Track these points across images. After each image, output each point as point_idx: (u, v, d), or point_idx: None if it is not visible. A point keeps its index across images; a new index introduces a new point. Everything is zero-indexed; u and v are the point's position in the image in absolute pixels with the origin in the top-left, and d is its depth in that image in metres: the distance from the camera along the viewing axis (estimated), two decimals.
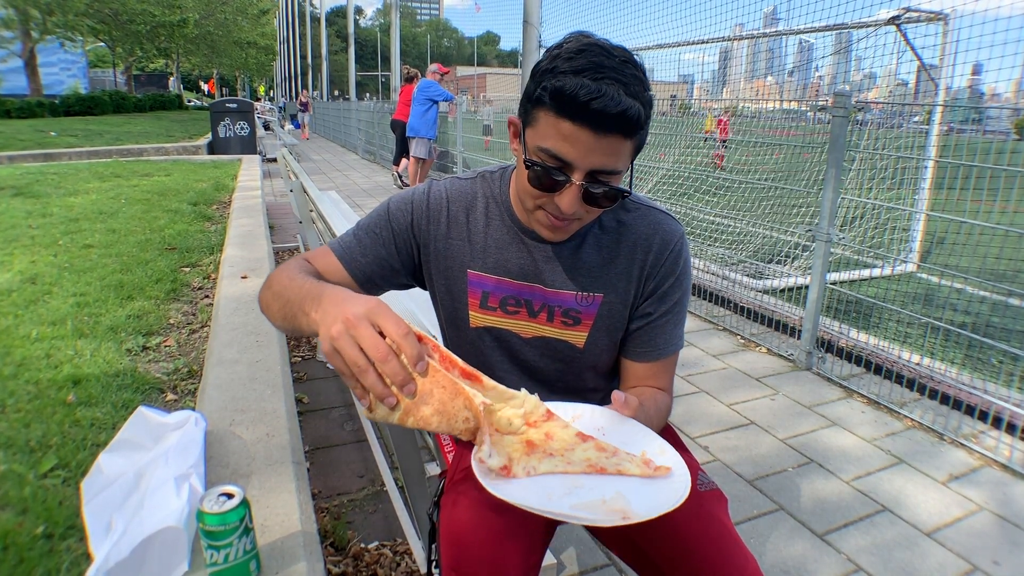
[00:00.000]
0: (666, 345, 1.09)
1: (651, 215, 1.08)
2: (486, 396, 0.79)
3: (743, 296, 4.13)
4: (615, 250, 1.07)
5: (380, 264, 1.07)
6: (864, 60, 5.05)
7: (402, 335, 0.72)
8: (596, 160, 0.87)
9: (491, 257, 1.07)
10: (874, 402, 2.94)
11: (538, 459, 0.78)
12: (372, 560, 1.80)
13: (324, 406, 2.74)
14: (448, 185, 1.11)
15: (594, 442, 0.83)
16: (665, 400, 1.08)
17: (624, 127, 0.85)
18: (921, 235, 4.73)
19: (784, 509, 2.14)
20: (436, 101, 8.32)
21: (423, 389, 0.74)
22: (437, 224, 1.08)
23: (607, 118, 0.84)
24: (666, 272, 1.07)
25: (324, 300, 0.79)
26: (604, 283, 1.07)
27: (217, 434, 1.44)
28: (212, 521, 0.89)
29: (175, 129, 14.83)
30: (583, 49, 0.86)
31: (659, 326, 1.08)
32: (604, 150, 0.87)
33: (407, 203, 1.09)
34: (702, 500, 1.06)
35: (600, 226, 1.07)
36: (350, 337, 0.71)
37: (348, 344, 0.71)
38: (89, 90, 27.09)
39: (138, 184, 6.06)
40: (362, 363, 0.71)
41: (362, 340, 0.71)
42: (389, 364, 0.71)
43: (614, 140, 0.86)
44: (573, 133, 0.86)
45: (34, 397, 1.82)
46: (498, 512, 1.05)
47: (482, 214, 1.09)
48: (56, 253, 3.41)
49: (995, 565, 1.91)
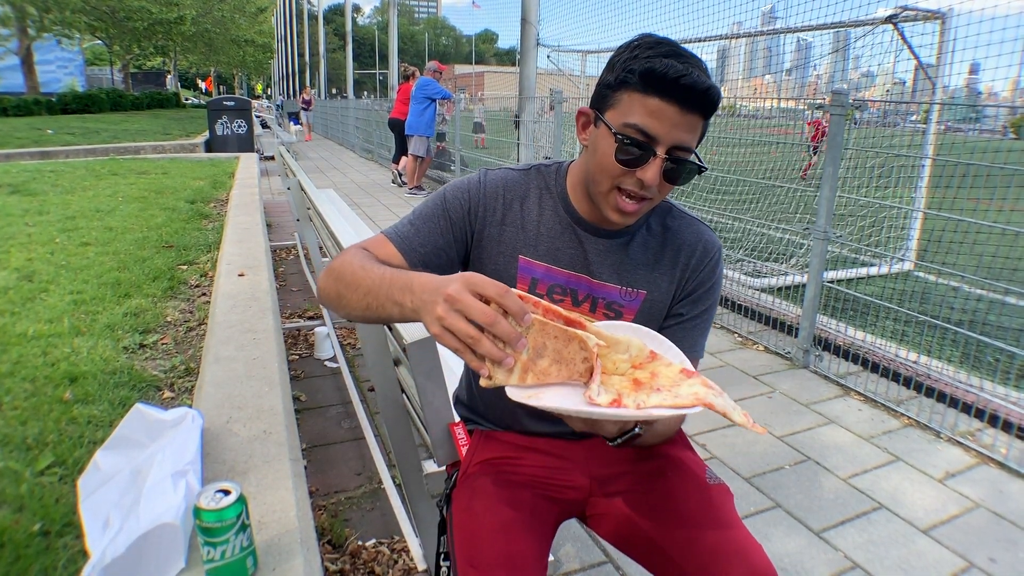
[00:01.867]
0: (690, 350, 1.10)
1: (695, 225, 1.14)
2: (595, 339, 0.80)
3: (741, 294, 4.14)
4: (660, 252, 1.11)
5: (437, 252, 1.08)
6: (862, 59, 5.06)
7: (502, 295, 0.73)
8: (679, 136, 0.92)
9: (543, 245, 1.09)
10: (871, 400, 2.95)
11: (646, 394, 0.78)
12: (369, 558, 1.81)
13: (321, 404, 2.74)
14: (503, 175, 1.12)
15: (700, 379, 0.83)
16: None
17: (706, 106, 0.92)
18: (918, 233, 4.74)
19: (781, 506, 2.15)
20: (434, 99, 8.32)
21: (536, 343, 0.75)
22: (493, 211, 1.09)
23: (694, 94, 0.90)
24: (703, 278, 1.11)
25: (415, 287, 0.80)
26: (648, 281, 1.10)
27: (214, 431, 1.44)
28: (209, 518, 0.89)
29: (172, 127, 14.79)
30: (661, 41, 0.94)
31: (687, 329, 1.12)
32: (687, 126, 0.92)
33: (464, 191, 1.10)
34: (711, 493, 1.09)
35: (648, 228, 1.11)
36: (456, 312, 0.73)
37: (456, 319, 0.73)
38: (86, 88, 27.00)
39: (135, 182, 6.04)
40: (474, 332, 0.72)
41: (469, 310, 0.72)
42: (499, 326, 0.72)
43: (695, 119, 0.93)
44: (660, 108, 0.91)
45: (31, 395, 1.82)
46: (514, 508, 1.06)
47: (535, 203, 1.11)
48: (53, 251, 3.40)
49: (991, 562, 1.91)
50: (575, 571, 1.81)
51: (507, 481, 1.12)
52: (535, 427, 1.20)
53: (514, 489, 1.10)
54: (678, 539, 1.02)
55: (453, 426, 1.20)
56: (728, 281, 4.36)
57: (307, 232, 3.70)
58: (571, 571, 1.81)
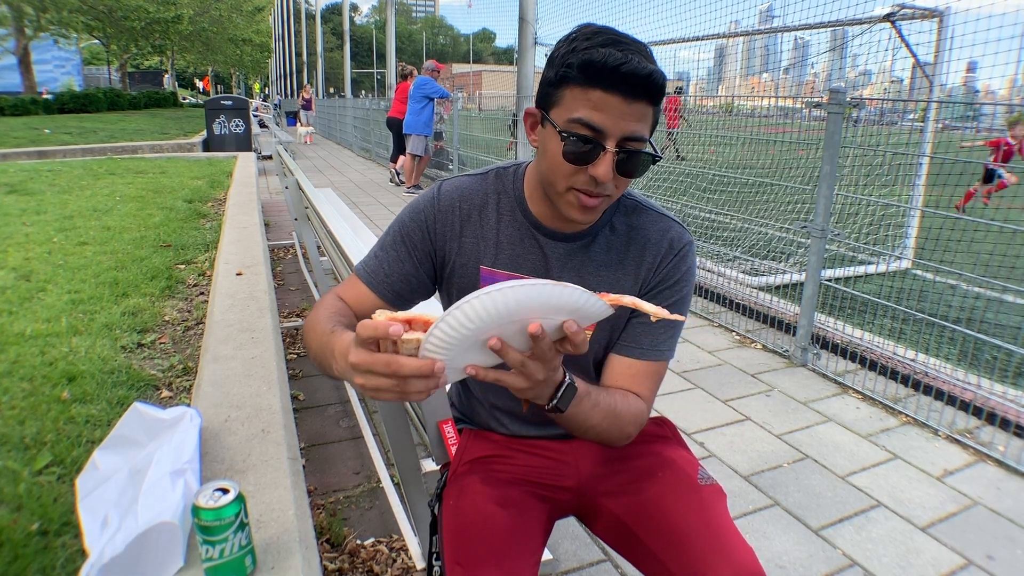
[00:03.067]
0: (651, 347, 1.06)
1: (662, 221, 1.08)
2: None
3: (739, 292, 4.14)
4: (624, 251, 1.07)
5: (405, 280, 1.07)
6: (859, 57, 5.06)
7: (375, 331, 0.71)
8: (627, 126, 0.89)
9: (504, 253, 1.07)
10: (869, 398, 2.95)
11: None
12: (368, 556, 1.80)
13: (320, 403, 2.74)
14: (459, 184, 1.10)
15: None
16: (638, 404, 1.03)
17: (651, 92, 0.88)
18: (916, 231, 4.75)
19: (779, 504, 2.15)
20: (432, 98, 8.32)
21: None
22: (451, 226, 1.07)
23: (637, 81, 0.86)
24: (668, 272, 1.06)
25: (336, 355, 0.83)
26: (610, 281, 1.07)
27: (212, 430, 1.44)
28: (207, 516, 0.89)
29: (170, 126, 14.77)
30: (599, 31, 0.91)
31: (648, 325, 1.06)
32: (634, 116, 0.89)
33: (419, 212, 1.08)
34: (702, 494, 1.07)
35: (611, 228, 1.07)
36: (368, 374, 0.73)
37: (373, 380, 0.73)
38: (83, 87, 26.94)
39: (133, 181, 6.03)
40: (392, 383, 0.72)
41: (373, 368, 0.72)
42: (396, 363, 0.71)
43: (642, 106, 0.89)
44: (604, 100, 0.88)
45: (29, 394, 1.81)
46: (502, 506, 1.06)
47: (494, 211, 1.08)
48: (50, 250, 3.40)
49: (989, 560, 1.92)
50: (573, 569, 1.81)
51: (495, 480, 1.12)
52: (520, 430, 1.20)
53: (502, 487, 1.10)
54: (666, 540, 1.01)
55: (442, 424, 1.20)
56: (726, 280, 4.36)
57: (305, 231, 3.70)
58: (569, 569, 1.81)
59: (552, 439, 1.19)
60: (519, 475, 1.15)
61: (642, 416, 1.04)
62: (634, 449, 1.17)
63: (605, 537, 1.15)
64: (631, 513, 1.08)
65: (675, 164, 5.63)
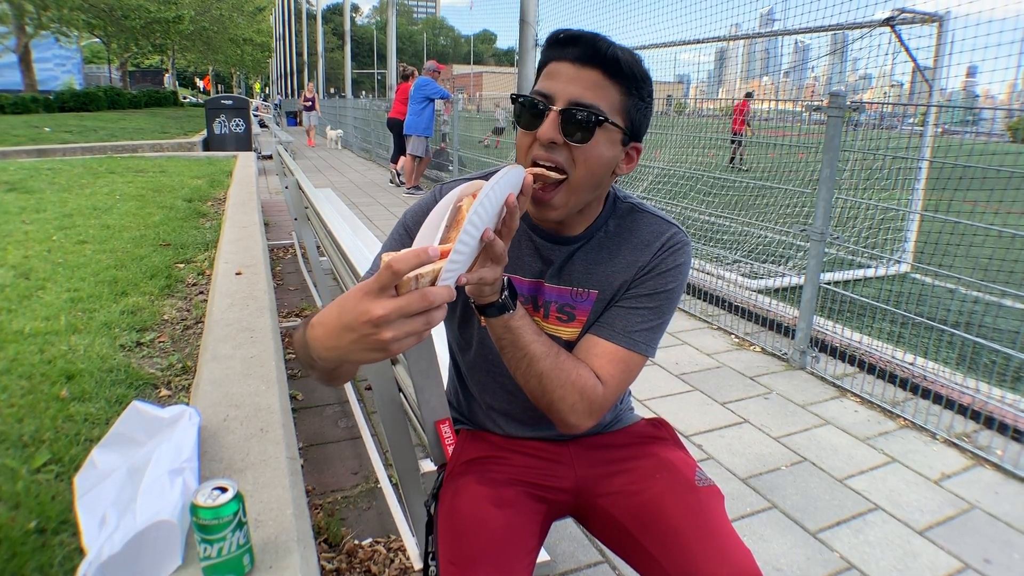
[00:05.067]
0: (623, 332, 1.02)
1: (660, 224, 1.08)
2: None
3: (738, 295, 4.14)
4: (617, 251, 1.07)
5: None
6: (859, 61, 5.07)
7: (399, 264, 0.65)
8: (574, 91, 0.92)
9: None
10: (867, 401, 2.96)
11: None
12: (366, 556, 1.81)
13: (319, 403, 2.74)
14: (458, 186, 1.10)
15: None
16: (592, 379, 0.98)
17: (603, 62, 0.92)
18: (915, 235, 4.75)
19: (777, 507, 2.15)
20: (433, 99, 8.32)
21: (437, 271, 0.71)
22: None
23: (583, 45, 0.92)
24: (657, 264, 1.05)
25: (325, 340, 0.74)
26: (600, 280, 1.07)
27: (211, 429, 1.44)
28: (206, 515, 0.89)
29: (170, 126, 14.77)
30: (570, 30, 0.97)
31: (624, 309, 1.04)
32: (584, 82, 0.92)
33: (420, 214, 1.07)
34: (700, 496, 1.07)
35: (607, 230, 1.08)
36: (397, 323, 0.66)
37: (404, 326, 0.66)
38: (84, 86, 26.94)
39: (133, 180, 6.03)
40: (422, 323, 0.66)
41: (407, 311, 0.66)
42: (429, 293, 0.66)
43: (593, 74, 0.92)
44: (555, 69, 0.95)
45: (27, 392, 1.81)
46: (497, 506, 1.06)
47: None
48: (50, 249, 3.39)
49: (986, 563, 1.92)
50: (571, 570, 1.81)
51: (491, 480, 1.12)
52: (516, 431, 1.20)
53: (498, 488, 1.10)
54: (663, 542, 1.01)
55: (440, 424, 1.20)
56: (725, 282, 4.37)
57: (305, 231, 3.70)
58: (567, 571, 1.81)
59: (548, 440, 1.19)
60: (515, 476, 1.15)
61: (593, 392, 0.97)
62: (632, 450, 1.17)
63: (602, 538, 1.15)
64: (629, 514, 1.08)
65: (675, 166, 5.63)
